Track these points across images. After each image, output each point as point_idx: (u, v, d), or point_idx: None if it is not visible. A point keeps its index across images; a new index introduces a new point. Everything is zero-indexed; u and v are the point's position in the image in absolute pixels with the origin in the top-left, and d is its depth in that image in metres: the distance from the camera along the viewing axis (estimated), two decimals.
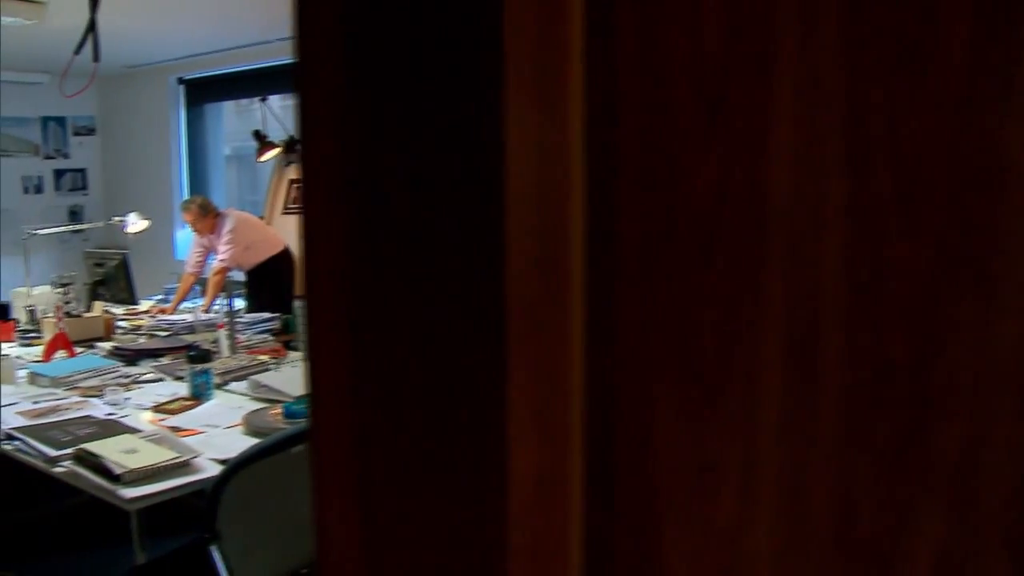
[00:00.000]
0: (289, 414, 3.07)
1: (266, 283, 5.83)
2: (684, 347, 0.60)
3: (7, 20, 5.45)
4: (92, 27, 4.28)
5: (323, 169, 0.68)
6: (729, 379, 0.58)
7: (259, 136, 6.75)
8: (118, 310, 5.45)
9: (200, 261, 5.91)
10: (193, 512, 3.28)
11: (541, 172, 0.58)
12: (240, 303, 5.37)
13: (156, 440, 2.87)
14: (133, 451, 2.71)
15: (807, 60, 0.55)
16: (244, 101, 8.50)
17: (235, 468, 2.46)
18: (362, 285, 0.65)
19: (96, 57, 4.30)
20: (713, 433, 0.61)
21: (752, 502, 0.60)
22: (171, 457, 2.68)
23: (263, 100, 6.89)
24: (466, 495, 0.61)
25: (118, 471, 2.57)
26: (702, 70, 0.57)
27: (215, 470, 2.69)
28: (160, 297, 6.04)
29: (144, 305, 5.76)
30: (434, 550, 0.64)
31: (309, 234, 0.70)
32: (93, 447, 2.75)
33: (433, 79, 0.58)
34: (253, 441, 2.94)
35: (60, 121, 9.20)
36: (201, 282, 5.95)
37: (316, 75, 0.65)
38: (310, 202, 0.69)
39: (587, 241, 0.61)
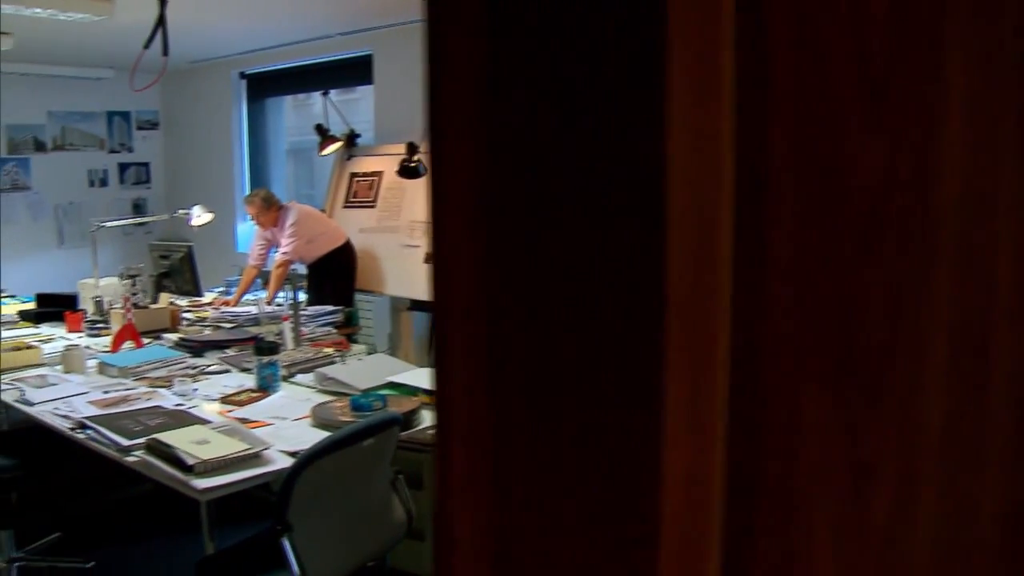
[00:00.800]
0: (356, 407, 3.07)
1: (328, 276, 5.86)
2: (842, 345, 0.57)
3: (77, 16, 5.54)
4: (161, 22, 4.33)
5: (458, 170, 0.65)
6: (891, 379, 0.55)
7: (321, 130, 6.78)
8: (182, 302, 5.52)
9: (263, 254, 5.96)
10: (256, 503, 3.31)
11: (696, 160, 0.56)
12: (302, 296, 5.41)
13: (227, 431, 2.88)
14: (205, 442, 2.73)
15: (980, 36, 0.52)
16: (301, 96, 8.56)
17: (308, 460, 2.46)
18: (501, 278, 0.63)
19: (165, 51, 4.34)
20: (871, 435, 0.57)
21: (911, 507, 0.57)
22: (242, 448, 2.70)
23: (325, 94, 6.92)
24: (616, 496, 0.58)
25: (191, 462, 2.59)
26: (865, 48, 0.54)
27: (285, 462, 2.70)
28: (221, 289, 6.10)
29: (207, 297, 5.82)
30: (580, 558, 0.61)
31: (441, 233, 0.67)
32: (165, 437, 2.77)
33: (590, 73, 0.56)
34: (322, 433, 2.95)
35: (125, 116, 9.35)
36: (263, 275, 6.00)
37: (452, 73, 0.63)
38: (442, 203, 0.67)
39: (736, 232, 0.58)
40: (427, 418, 3.23)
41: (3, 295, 6.17)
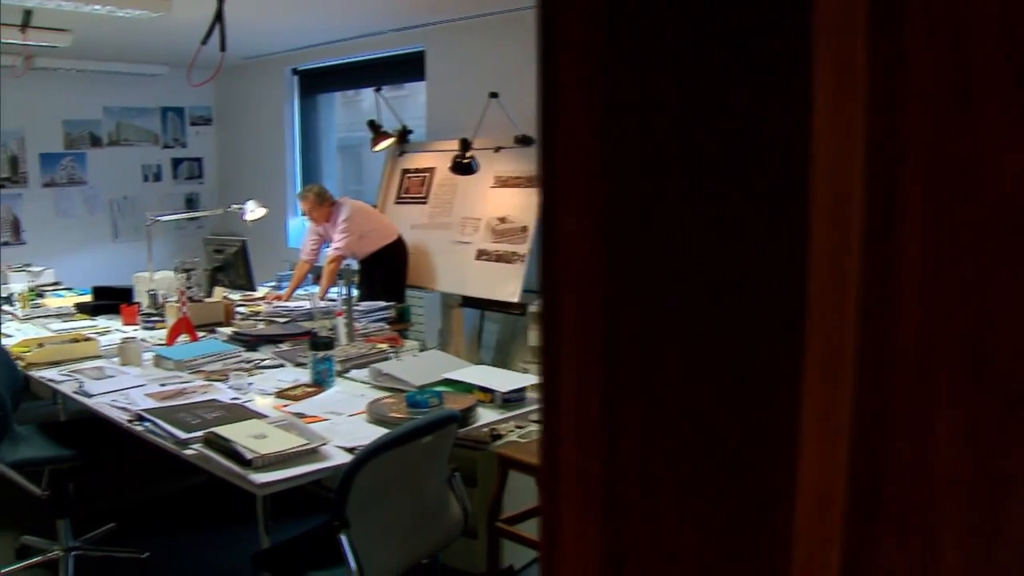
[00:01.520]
0: (412, 403, 3.06)
1: (379, 272, 5.87)
2: (980, 354, 0.53)
3: (136, 12, 5.59)
4: (219, 18, 4.35)
5: (574, 167, 0.63)
6: None
7: (373, 126, 6.79)
8: (235, 296, 5.56)
9: (315, 249, 5.99)
10: (308, 496, 3.31)
11: (834, 160, 0.53)
12: (354, 291, 5.42)
13: (284, 426, 2.89)
14: (262, 436, 2.73)
15: None
16: (350, 93, 8.60)
17: (367, 456, 2.45)
18: (622, 288, 0.60)
19: (222, 47, 4.37)
20: (1012, 446, 0.54)
21: None
22: (300, 444, 2.69)
23: (377, 90, 6.93)
24: (744, 508, 0.55)
25: (249, 456, 2.59)
26: (1010, 34, 0.50)
27: (342, 458, 2.69)
28: (273, 284, 6.14)
29: (260, 291, 5.86)
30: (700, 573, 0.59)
31: (555, 232, 0.64)
32: (223, 431, 2.78)
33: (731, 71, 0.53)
34: (378, 429, 2.94)
35: (178, 111, 9.45)
36: (315, 270, 6.03)
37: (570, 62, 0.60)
38: (554, 197, 0.64)
39: (864, 234, 0.55)
40: (483, 415, 3.21)
41: (60, 287, 6.26)
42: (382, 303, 5.00)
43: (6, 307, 5.60)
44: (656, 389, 0.60)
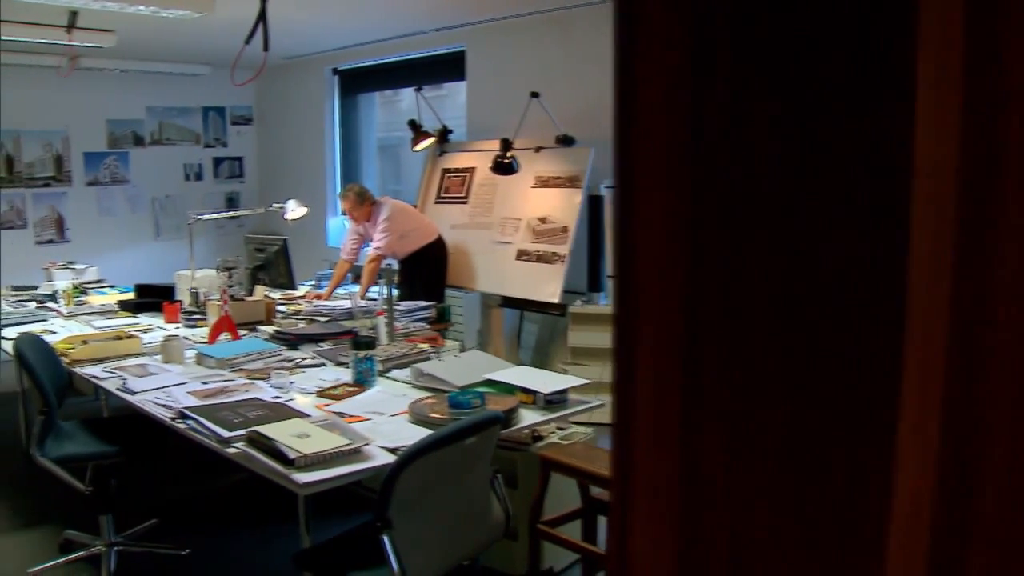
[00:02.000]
0: (454, 404, 3.04)
1: (419, 271, 5.87)
2: None
3: (179, 13, 5.62)
4: (262, 17, 4.36)
5: (655, 168, 0.60)
6: None
7: (414, 125, 6.79)
8: (276, 295, 5.57)
9: (355, 248, 5.99)
10: (349, 496, 3.30)
11: (933, 162, 0.49)
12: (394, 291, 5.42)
13: (326, 426, 2.87)
14: (305, 436, 2.72)
15: None
16: (388, 93, 8.62)
17: (411, 457, 2.43)
18: (704, 293, 0.57)
19: (265, 47, 4.38)
20: None
21: None
22: (343, 444, 2.68)
23: (418, 90, 6.93)
24: (835, 521, 0.52)
25: (292, 455, 2.58)
26: None
27: (385, 458, 2.67)
28: (312, 283, 6.15)
29: (300, 290, 5.88)
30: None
31: (631, 236, 0.61)
32: (266, 430, 2.77)
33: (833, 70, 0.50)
34: (420, 430, 2.93)
35: (220, 111, 9.53)
36: (355, 269, 6.04)
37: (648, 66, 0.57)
38: (632, 195, 0.61)
39: (959, 235, 0.51)
40: (525, 417, 3.18)
41: (103, 285, 6.31)
42: (422, 303, 5.00)
43: (51, 304, 5.66)
44: (743, 399, 0.57)
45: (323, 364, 3.96)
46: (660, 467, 0.64)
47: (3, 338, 4.77)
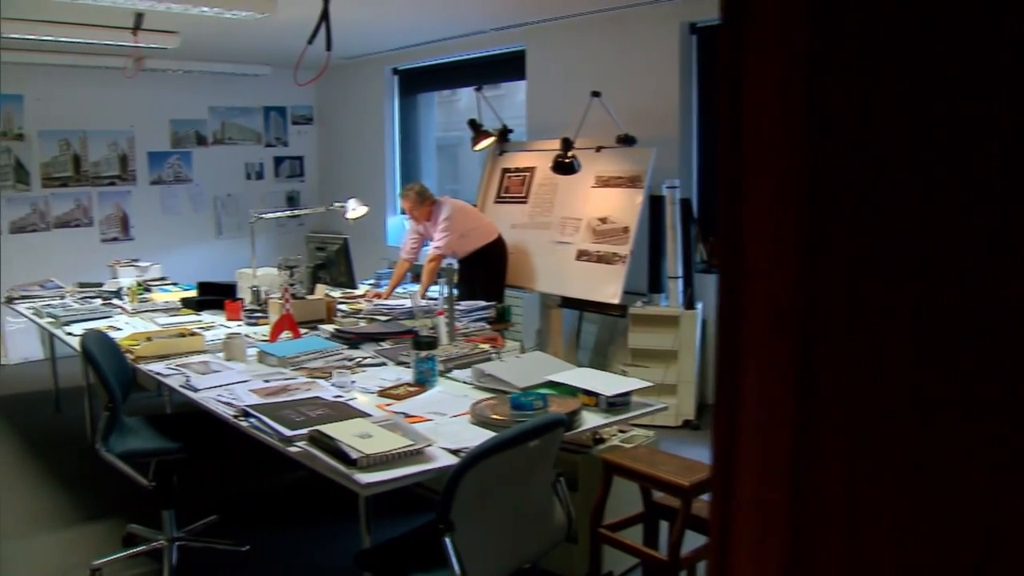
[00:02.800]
0: (516, 406, 3.00)
1: (479, 271, 5.85)
2: None
3: (242, 14, 5.67)
4: (325, 17, 4.37)
5: (769, 153, 0.55)
6: None
7: (474, 125, 6.78)
8: (336, 293, 5.59)
9: (415, 248, 5.99)
10: (408, 496, 3.28)
11: None
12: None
13: (388, 426, 2.86)
14: (367, 436, 2.71)
15: None
16: (445, 92, 8.63)
17: (474, 459, 2.40)
18: (822, 297, 0.53)
19: (328, 46, 4.39)
20: None
21: None
22: (405, 444, 2.66)
23: (478, 89, 6.92)
24: (973, 551, 0.48)
25: (354, 456, 2.56)
26: None
27: (447, 459, 2.65)
28: (372, 282, 6.16)
29: (360, 289, 5.89)
30: None
31: (742, 229, 0.57)
32: (328, 429, 2.75)
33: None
34: (482, 431, 2.90)
35: (280, 111, 9.62)
36: (414, 268, 6.04)
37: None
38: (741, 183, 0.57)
39: None
40: (587, 419, 3.14)
41: (166, 282, 6.39)
42: (482, 303, 4.98)
43: (115, 301, 5.74)
44: (864, 412, 0.52)
45: (384, 363, 3.95)
46: (767, 487, 0.59)
47: (70, 334, 4.85)
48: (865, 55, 0.51)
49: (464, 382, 3.60)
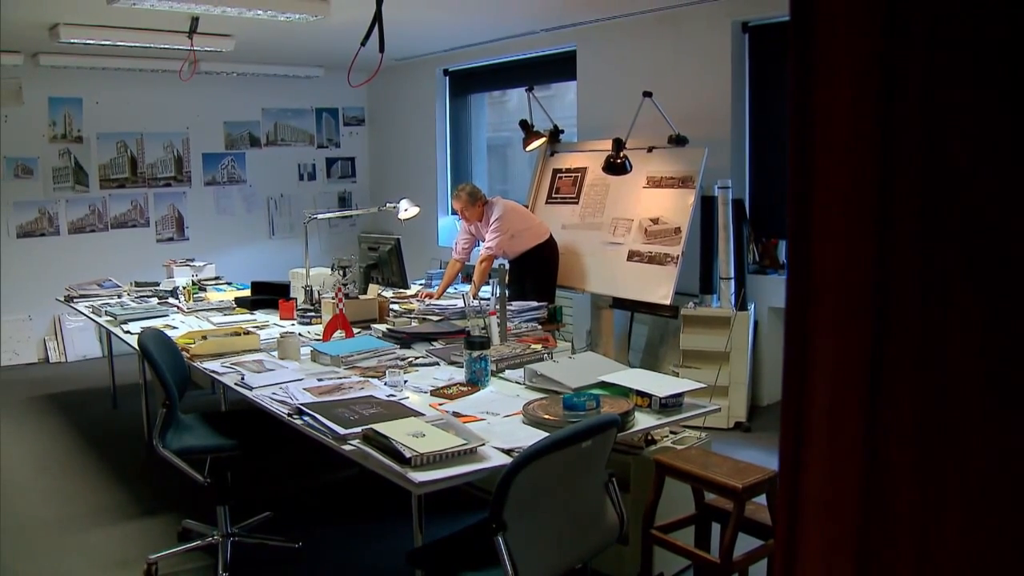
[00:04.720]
0: (569, 406, 2.99)
1: (530, 271, 5.85)
2: None
3: (296, 16, 5.73)
4: (378, 19, 4.40)
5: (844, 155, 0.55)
6: None
7: (525, 126, 6.78)
8: (388, 293, 5.62)
9: (467, 248, 6.00)
10: (459, 495, 3.29)
11: None
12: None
13: (441, 425, 2.87)
14: (420, 435, 2.72)
15: None
16: (496, 93, 8.64)
17: (527, 459, 2.40)
18: (897, 294, 0.52)
19: (381, 48, 4.42)
20: None
21: None
22: (458, 443, 2.67)
23: (529, 90, 6.92)
24: None
25: (408, 454, 2.58)
26: None
27: (500, 459, 2.65)
28: (423, 282, 6.19)
29: (412, 289, 5.92)
30: None
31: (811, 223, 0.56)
32: (382, 428, 2.77)
33: None
34: (535, 431, 2.90)
35: (332, 112, 9.70)
36: (466, 269, 6.05)
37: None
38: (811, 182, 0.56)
39: None
40: (640, 420, 3.13)
41: (221, 282, 6.48)
42: (534, 303, 4.97)
43: (171, 300, 5.82)
44: (939, 415, 0.51)
45: (436, 363, 3.96)
46: (835, 497, 0.58)
47: (128, 332, 4.93)
48: (937, 53, 0.50)
49: (516, 382, 3.60)
